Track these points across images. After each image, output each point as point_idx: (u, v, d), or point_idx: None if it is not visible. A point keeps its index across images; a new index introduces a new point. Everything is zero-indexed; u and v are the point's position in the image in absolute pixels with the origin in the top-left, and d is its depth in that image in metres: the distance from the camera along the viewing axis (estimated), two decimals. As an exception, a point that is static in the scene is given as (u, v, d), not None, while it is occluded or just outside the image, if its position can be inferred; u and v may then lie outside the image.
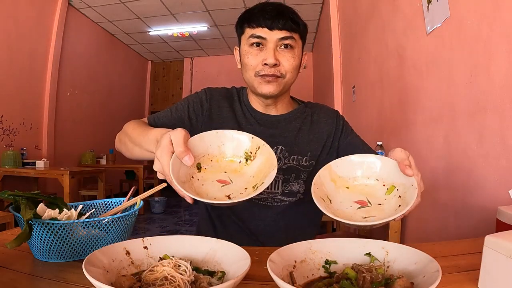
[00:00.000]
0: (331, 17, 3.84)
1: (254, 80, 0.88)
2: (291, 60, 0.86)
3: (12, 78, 3.73)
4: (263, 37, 0.85)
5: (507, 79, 1.10)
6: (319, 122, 0.99)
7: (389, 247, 0.51)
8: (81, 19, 4.96)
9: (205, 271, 0.49)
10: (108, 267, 0.45)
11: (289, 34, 0.85)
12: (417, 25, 1.77)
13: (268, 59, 0.84)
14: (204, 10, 4.88)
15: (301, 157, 0.93)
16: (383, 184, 0.63)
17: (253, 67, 0.87)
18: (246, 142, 0.67)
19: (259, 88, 0.88)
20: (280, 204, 0.93)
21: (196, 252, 0.53)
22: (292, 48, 0.87)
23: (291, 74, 0.88)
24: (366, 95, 2.85)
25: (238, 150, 0.67)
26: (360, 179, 0.65)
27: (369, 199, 0.62)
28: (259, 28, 0.85)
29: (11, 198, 0.61)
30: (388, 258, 0.50)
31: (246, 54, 0.88)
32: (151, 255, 0.52)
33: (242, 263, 0.44)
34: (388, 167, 0.63)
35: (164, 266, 0.45)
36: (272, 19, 0.84)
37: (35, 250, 0.60)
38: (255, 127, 0.94)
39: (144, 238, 0.53)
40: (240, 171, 0.66)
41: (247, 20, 0.87)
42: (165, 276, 0.44)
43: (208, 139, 0.66)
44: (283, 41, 0.85)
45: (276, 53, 0.85)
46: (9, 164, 3.56)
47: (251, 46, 0.87)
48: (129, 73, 6.57)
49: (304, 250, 0.51)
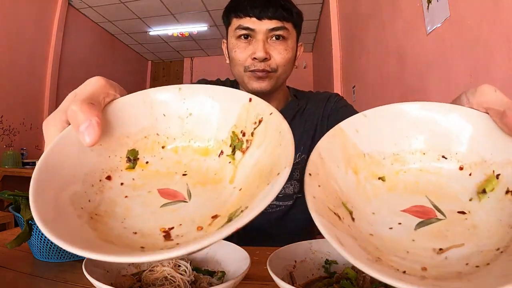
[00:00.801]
0: (331, 17, 3.84)
1: (243, 76, 0.80)
2: (284, 53, 0.78)
3: (12, 78, 3.73)
4: (251, 28, 0.76)
5: (507, 79, 1.10)
6: (309, 111, 0.91)
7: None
8: (81, 19, 4.96)
9: (205, 271, 0.49)
10: (108, 267, 0.45)
11: (280, 24, 0.76)
12: (417, 25, 1.77)
13: (257, 52, 0.75)
14: (204, 10, 4.88)
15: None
16: (463, 167, 0.31)
17: (242, 62, 0.79)
18: (235, 108, 0.33)
19: (249, 84, 0.80)
20: (275, 210, 0.85)
21: (197, 252, 0.52)
22: (285, 39, 0.78)
23: (284, 68, 0.79)
24: (366, 95, 2.85)
25: (220, 127, 0.33)
26: (410, 158, 0.32)
27: (436, 203, 0.30)
28: (246, 18, 0.76)
29: (11, 198, 0.61)
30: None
31: (233, 48, 0.80)
32: None
33: (242, 263, 0.44)
34: (474, 129, 0.30)
35: (164, 266, 0.45)
36: (260, 7, 0.75)
37: (35, 250, 0.60)
38: None
39: None
40: (216, 175, 0.33)
41: (234, 10, 0.79)
42: (165, 276, 0.44)
43: (159, 102, 0.33)
44: (273, 32, 0.76)
45: (267, 45, 0.76)
46: (9, 164, 3.56)
47: (239, 39, 0.78)
48: (129, 73, 6.57)
49: (304, 250, 0.51)
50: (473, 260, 0.24)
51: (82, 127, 0.27)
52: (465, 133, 0.30)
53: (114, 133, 0.31)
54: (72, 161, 0.29)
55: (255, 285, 0.50)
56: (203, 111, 0.34)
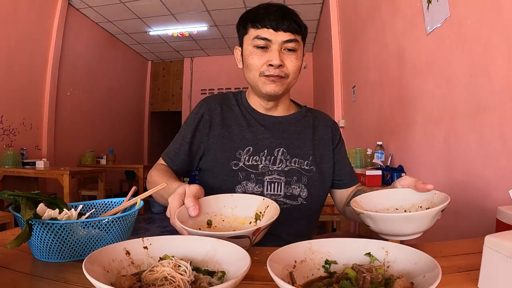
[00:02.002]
0: (331, 17, 3.84)
1: (258, 80, 0.88)
2: (295, 61, 0.88)
3: (12, 78, 3.73)
4: (268, 39, 0.85)
5: (507, 79, 1.10)
6: (319, 128, 1.00)
7: (389, 247, 0.51)
8: (81, 19, 4.97)
9: (205, 271, 0.49)
10: (108, 267, 0.45)
11: (293, 36, 0.86)
12: (417, 25, 1.77)
13: (274, 60, 0.84)
14: (204, 10, 4.88)
15: (302, 160, 0.93)
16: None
17: (258, 68, 0.87)
18: (257, 203, 0.72)
19: (263, 88, 0.88)
20: (283, 207, 0.90)
21: (196, 252, 0.52)
22: (295, 51, 0.88)
23: (294, 74, 0.89)
24: (366, 95, 2.85)
25: (249, 212, 0.72)
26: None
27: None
28: (264, 29, 0.85)
29: (11, 198, 0.61)
30: (388, 258, 0.50)
31: (250, 55, 0.88)
32: (151, 255, 0.51)
33: (242, 263, 0.44)
34: (404, 194, 0.72)
35: (164, 266, 0.45)
36: (277, 20, 0.84)
37: (35, 250, 0.60)
38: (257, 128, 0.94)
39: (144, 238, 0.53)
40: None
41: (251, 21, 0.87)
42: (165, 276, 0.44)
43: (222, 201, 0.72)
44: (287, 44, 0.86)
45: (281, 54, 0.86)
46: (9, 164, 3.56)
47: (256, 48, 0.87)
48: (129, 73, 6.58)
49: (304, 250, 0.51)
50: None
51: (191, 209, 0.64)
52: (400, 196, 0.74)
53: (202, 211, 0.68)
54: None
55: (255, 285, 0.50)
56: (243, 204, 0.72)
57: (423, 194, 0.70)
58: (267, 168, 0.91)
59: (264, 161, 0.91)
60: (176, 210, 0.63)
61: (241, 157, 0.91)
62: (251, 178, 0.90)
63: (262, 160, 0.91)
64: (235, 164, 0.90)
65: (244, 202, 0.72)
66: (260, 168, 0.90)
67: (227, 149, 0.91)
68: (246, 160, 0.91)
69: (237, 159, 0.90)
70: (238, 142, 0.92)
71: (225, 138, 0.93)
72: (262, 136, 0.93)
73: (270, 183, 0.90)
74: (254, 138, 0.93)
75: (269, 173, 0.90)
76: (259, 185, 0.90)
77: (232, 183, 0.89)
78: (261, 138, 0.93)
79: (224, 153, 0.91)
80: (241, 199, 0.73)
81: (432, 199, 0.68)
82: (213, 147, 0.93)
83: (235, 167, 0.90)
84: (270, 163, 0.91)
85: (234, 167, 0.90)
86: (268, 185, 0.90)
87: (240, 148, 0.91)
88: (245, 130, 0.93)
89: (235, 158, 0.91)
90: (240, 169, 0.90)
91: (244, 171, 0.90)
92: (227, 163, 0.90)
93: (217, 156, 0.92)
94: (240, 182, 0.90)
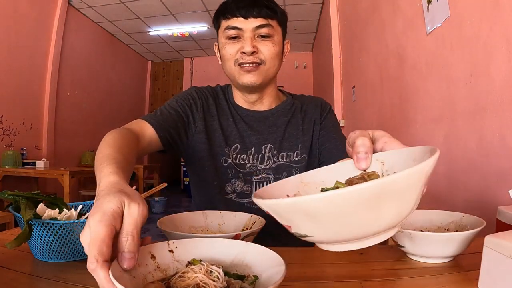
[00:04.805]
0: (331, 17, 3.85)
1: (234, 71, 0.85)
2: (271, 47, 0.84)
3: (12, 78, 3.73)
4: (238, 28, 0.83)
5: (507, 79, 1.10)
6: (308, 111, 0.96)
7: (383, 157, 0.45)
8: (81, 19, 4.96)
9: (234, 275, 0.46)
10: (134, 272, 0.42)
11: (265, 21, 0.82)
12: (417, 25, 1.77)
13: (246, 47, 0.81)
14: (204, 10, 4.88)
15: (291, 152, 0.91)
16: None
17: (232, 56, 0.84)
18: (244, 219, 0.72)
19: (240, 79, 0.85)
20: None
21: (224, 256, 0.49)
22: (271, 36, 0.84)
23: (271, 61, 0.85)
24: (366, 95, 2.85)
25: (236, 228, 0.72)
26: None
27: None
28: (233, 19, 0.83)
29: (11, 198, 0.61)
30: (386, 168, 0.45)
31: (223, 46, 0.86)
32: (177, 259, 0.48)
33: (275, 266, 0.42)
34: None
35: (195, 273, 0.42)
36: (246, 7, 0.82)
37: (35, 250, 0.60)
38: (242, 125, 0.91)
39: (169, 241, 0.49)
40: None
41: (222, 12, 0.86)
42: (197, 283, 0.41)
43: (210, 217, 0.74)
44: (260, 30, 0.83)
45: (254, 41, 0.83)
46: (9, 164, 3.56)
47: (228, 39, 0.85)
48: (129, 73, 6.57)
49: (295, 183, 0.48)
50: None
51: (127, 257, 0.39)
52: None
53: (188, 225, 0.72)
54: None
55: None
56: (230, 221, 0.73)
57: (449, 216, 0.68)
58: (254, 168, 0.89)
59: (251, 160, 0.89)
60: (106, 256, 0.35)
61: (230, 153, 0.89)
62: (239, 177, 0.89)
63: (250, 159, 0.89)
64: (224, 160, 0.89)
65: (232, 218, 0.73)
66: (248, 167, 0.89)
67: (217, 144, 0.89)
68: (234, 158, 0.89)
69: (226, 155, 0.89)
70: (226, 137, 0.90)
71: (215, 131, 0.90)
72: (247, 133, 0.91)
73: (259, 183, 0.89)
74: (240, 135, 0.91)
75: (257, 172, 0.89)
76: (248, 185, 0.89)
77: (222, 180, 0.88)
78: (247, 135, 0.91)
79: (214, 146, 0.89)
80: (229, 216, 0.73)
81: (461, 222, 0.65)
82: (203, 135, 0.89)
83: (224, 163, 0.89)
84: (257, 162, 0.89)
85: (224, 163, 0.89)
86: (257, 185, 0.89)
87: (228, 145, 0.90)
88: (231, 126, 0.91)
89: (224, 154, 0.89)
90: (229, 166, 0.89)
91: (233, 168, 0.89)
92: (217, 158, 0.89)
93: (207, 147, 0.89)
94: (229, 180, 0.89)
